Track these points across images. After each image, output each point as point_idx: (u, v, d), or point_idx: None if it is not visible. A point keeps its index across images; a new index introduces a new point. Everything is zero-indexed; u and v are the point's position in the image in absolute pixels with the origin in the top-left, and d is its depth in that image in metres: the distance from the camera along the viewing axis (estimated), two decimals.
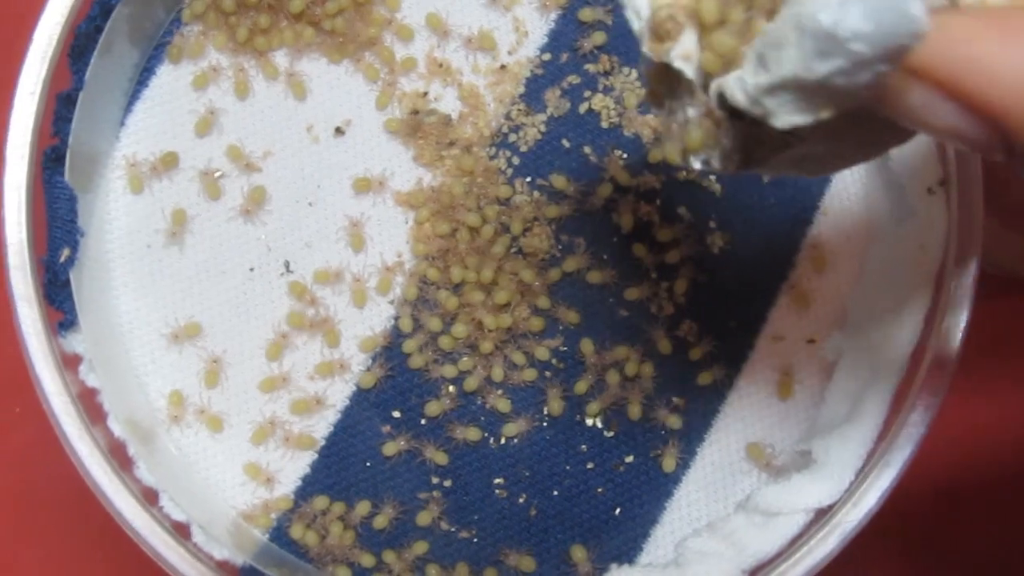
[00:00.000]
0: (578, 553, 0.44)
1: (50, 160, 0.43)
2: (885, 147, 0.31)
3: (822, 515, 0.40)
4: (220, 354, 0.44)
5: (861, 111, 0.27)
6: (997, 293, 0.55)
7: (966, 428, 0.48)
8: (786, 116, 0.27)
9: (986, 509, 0.53)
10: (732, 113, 0.29)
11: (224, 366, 0.44)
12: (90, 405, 0.41)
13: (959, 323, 0.40)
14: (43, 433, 0.53)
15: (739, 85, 0.28)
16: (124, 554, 0.51)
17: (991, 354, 0.50)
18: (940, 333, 0.40)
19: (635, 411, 0.44)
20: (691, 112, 0.31)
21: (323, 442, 0.44)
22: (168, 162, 0.45)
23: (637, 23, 0.31)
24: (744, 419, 0.44)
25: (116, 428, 0.41)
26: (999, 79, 0.26)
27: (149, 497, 0.41)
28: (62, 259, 0.42)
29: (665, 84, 0.32)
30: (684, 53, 0.30)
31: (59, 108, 0.43)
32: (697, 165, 0.31)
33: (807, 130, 0.28)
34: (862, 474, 0.40)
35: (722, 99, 0.29)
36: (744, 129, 0.30)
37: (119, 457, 0.41)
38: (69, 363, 0.41)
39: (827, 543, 0.39)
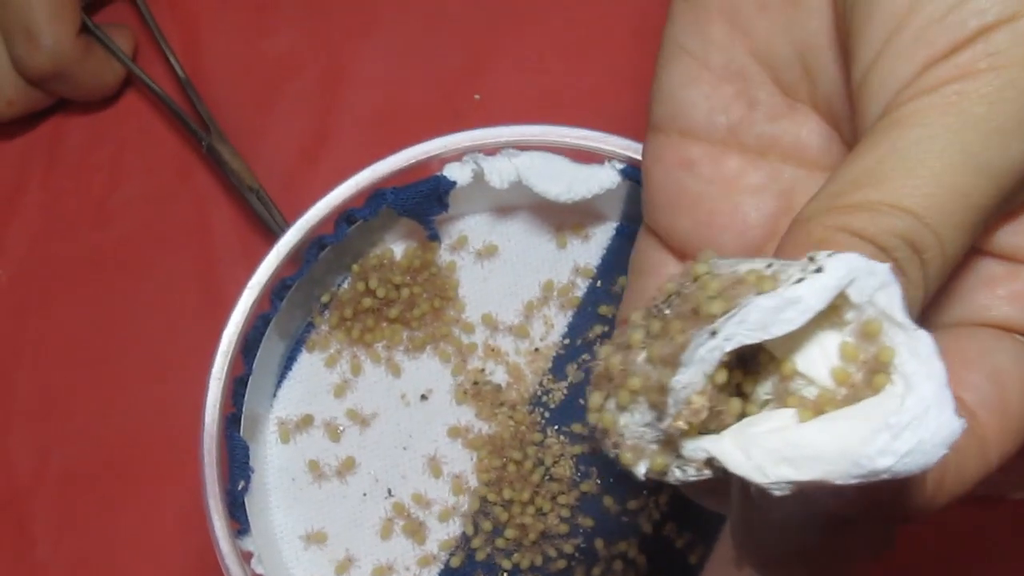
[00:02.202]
0: None
1: (230, 423, 0.58)
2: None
3: None
4: (346, 551, 0.61)
5: None
6: None
7: None
8: (786, 492, 0.30)
9: None
10: (711, 466, 0.32)
11: (351, 559, 0.61)
12: None
13: None
14: None
15: (756, 470, 0.30)
16: None
17: None
18: None
19: None
20: (652, 440, 0.33)
21: None
22: (306, 421, 0.62)
23: (673, 408, 0.31)
24: None
25: None
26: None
27: None
28: (239, 488, 0.58)
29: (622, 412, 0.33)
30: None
31: (236, 387, 0.59)
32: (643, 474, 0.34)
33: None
34: None
35: (711, 461, 0.32)
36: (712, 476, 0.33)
37: None
38: (246, 557, 0.57)
39: None
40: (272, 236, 0.74)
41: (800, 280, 0.31)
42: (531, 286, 0.64)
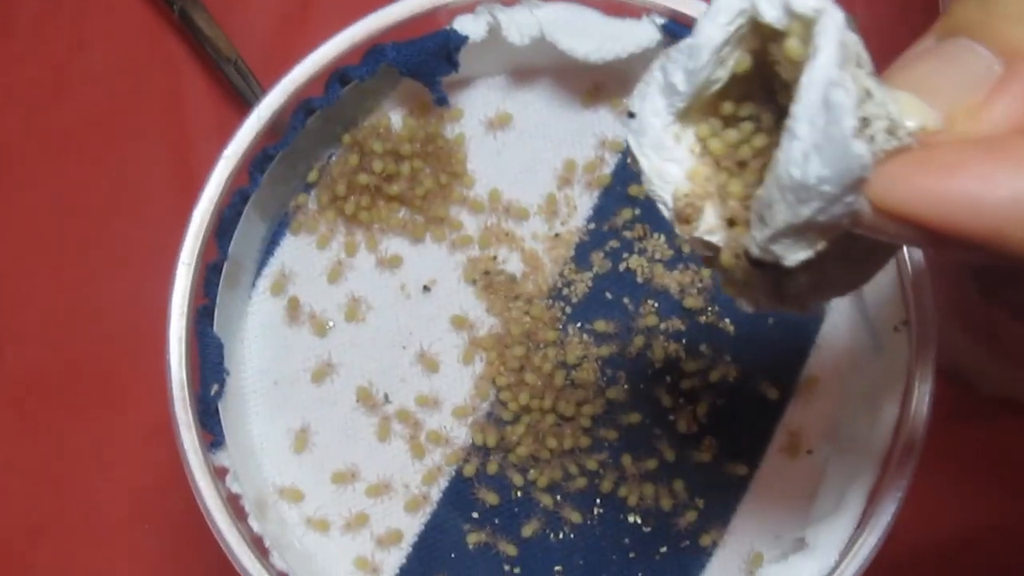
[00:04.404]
0: None
1: (202, 316, 0.53)
2: (871, 272, 0.37)
3: None
4: (336, 466, 0.54)
5: (845, 240, 0.33)
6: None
7: (927, 519, 0.57)
8: (792, 255, 0.33)
9: None
10: (755, 264, 0.35)
11: (342, 475, 0.54)
12: (235, 507, 0.51)
13: (918, 435, 0.50)
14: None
15: (751, 241, 0.34)
16: None
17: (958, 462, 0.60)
18: (904, 443, 0.50)
19: (667, 507, 0.54)
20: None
21: (416, 538, 0.54)
22: (292, 314, 0.56)
23: (667, 213, 0.37)
24: (756, 514, 0.54)
25: (255, 525, 0.51)
26: (916, 207, 0.30)
27: None
28: (212, 393, 0.52)
29: (709, 249, 0.37)
30: (709, 228, 0.36)
31: (209, 275, 0.53)
32: (747, 307, 0.38)
33: (807, 264, 0.33)
34: (845, 554, 0.49)
35: (748, 255, 0.35)
36: (768, 274, 0.35)
37: (259, 548, 0.51)
38: (219, 474, 0.51)
39: None
40: (251, 110, 0.67)
41: None
42: (552, 161, 0.58)
